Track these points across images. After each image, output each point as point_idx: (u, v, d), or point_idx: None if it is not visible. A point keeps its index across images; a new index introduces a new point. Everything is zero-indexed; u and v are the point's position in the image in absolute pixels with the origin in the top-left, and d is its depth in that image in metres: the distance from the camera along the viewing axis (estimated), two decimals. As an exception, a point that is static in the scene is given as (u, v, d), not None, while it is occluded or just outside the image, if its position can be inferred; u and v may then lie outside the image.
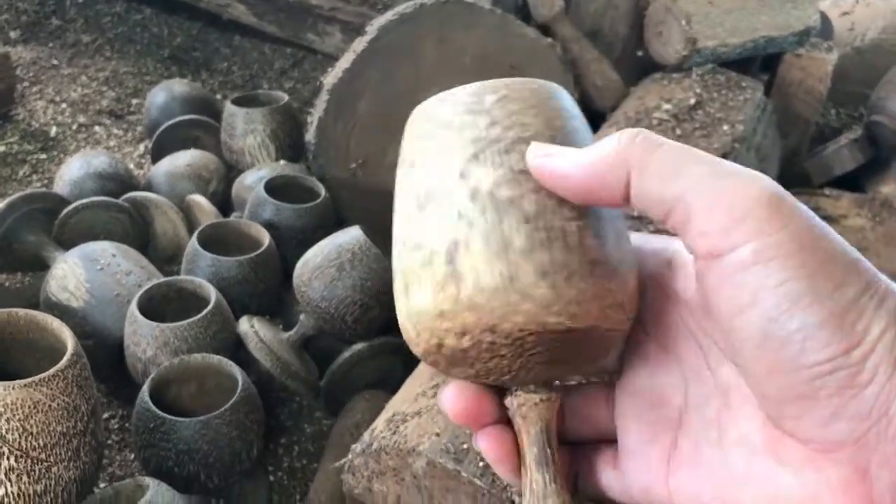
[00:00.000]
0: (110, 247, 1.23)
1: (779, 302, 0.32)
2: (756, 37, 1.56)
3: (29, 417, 0.74)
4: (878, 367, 0.31)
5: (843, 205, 1.54)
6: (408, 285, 0.39)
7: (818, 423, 0.32)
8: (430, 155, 0.39)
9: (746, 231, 0.32)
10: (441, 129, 0.39)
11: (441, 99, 0.40)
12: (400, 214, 0.40)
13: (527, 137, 0.38)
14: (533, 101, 0.39)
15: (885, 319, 0.31)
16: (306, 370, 1.17)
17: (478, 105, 0.39)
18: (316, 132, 1.44)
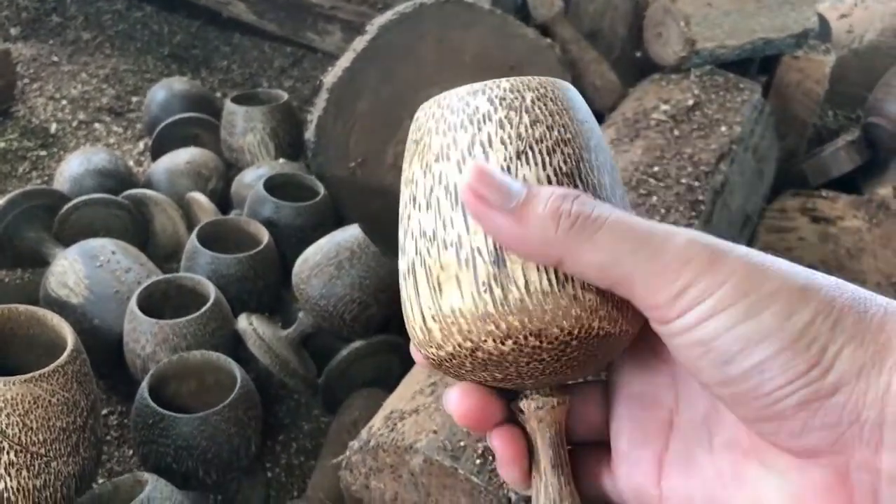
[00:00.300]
0: (110, 244, 1.24)
1: (730, 347, 0.33)
2: (754, 38, 1.57)
3: (29, 413, 0.75)
4: (840, 379, 0.32)
5: (840, 206, 1.55)
6: (440, 283, 0.38)
7: (791, 435, 0.34)
8: (465, 147, 0.38)
9: (690, 298, 0.34)
10: (478, 122, 0.38)
11: (475, 91, 0.39)
12: (421, 208, 0.39)
13: (567, 139, 0.38)
14: (567, 104, 0.39)
15: (841, 337, 0.33)
16: (304, 368, 1.18)
17: (518, 101, 0.38)
18: (315, 131, 1.45)
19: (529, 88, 0.38)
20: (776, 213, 1.55)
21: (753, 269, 0.33)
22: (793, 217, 1.54)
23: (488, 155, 0.37)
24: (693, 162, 1.29)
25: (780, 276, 0.33)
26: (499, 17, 1.51)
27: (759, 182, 1.52)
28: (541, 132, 0.37)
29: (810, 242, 1.50)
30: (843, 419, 0.33)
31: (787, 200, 1.57)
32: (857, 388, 0.32)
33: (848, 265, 1.46)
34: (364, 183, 1.47)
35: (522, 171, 0.37)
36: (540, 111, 0.38)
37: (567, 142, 0.38)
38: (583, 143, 0.38)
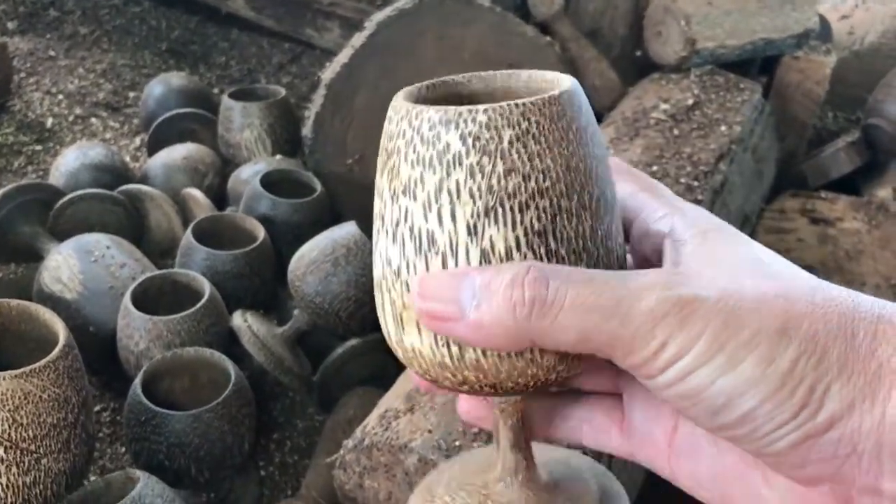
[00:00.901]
0: (105, 239, 1.23)
1: (715, 400, 0.33)
2: (755, 39, 1.57)
3: (19, 408, 0.74)
4: (832, 416, 0.32)
5: (840, 208, 1.54)
6: (403, 320, 0.38)
7: (792, 467, 0.34)
8: (432, 191, 0.35)
9: (668, 356, 0.33)
10: (448, 164, 0.35)
11: (448, 121, 0.35)
12: (388, 234, 0.38)
13: (546, 189, 0.35)
14: (555, 136, 0.35)
15: (828, 374, 0.32)
16: (299, 365, 1.17)
17: (494, 143, 0.34)
18: (313, 127, 1.44)
19: (510, 124, 0.34)
20: (775, 213, 1.54)
21: (728, 315, 0.32)
22: (792, 218, 1.54)
23: (455, 207, 0.35)
24: (692, 161, 1.28)
25: (758, 318, 0.32)
26: (498, 14, 1.50)
27: (759, 182, 1.51)
28: (515, 185, 0.35)
29: (809, 244, 1.49)
30: (839, 452, 0.32)
31: (787, 201, 1.57)
32: (851, 423, 0.32)
33: (847, 267, 1.45)
34: (361, 179, 1.46)
35: (490, 231, 0.35)
36: (517, 156, 0.34)
37: (545, 192, 0.35)
38: (564, 188, 0.35)
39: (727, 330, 0.32)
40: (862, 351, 0.32)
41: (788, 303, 0.33)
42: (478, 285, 0.34)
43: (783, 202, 1.57)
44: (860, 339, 0.32)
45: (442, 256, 0.36)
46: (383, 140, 0.39)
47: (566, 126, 0.35)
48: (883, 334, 0.32)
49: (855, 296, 0.34)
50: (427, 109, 0.36)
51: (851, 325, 0.32)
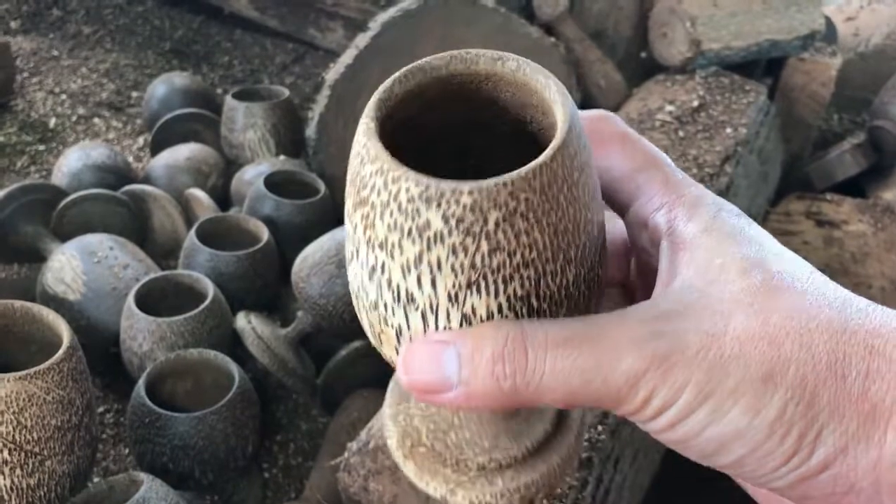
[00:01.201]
0: (108, 239, 1.23)
1: (706, 447, 0.33)
2: (760, 40, 1.56)
3: (23, 410, 0.73)
4: (825, 460, 0.31)
5: (845, 210, 1.54)
6: (381, 339, 0.38)
7: (795, 499, 0.34)
8: (411, 258, 0.33)
9: (654, 408, 0.33)
10: (428, 240, 0.33)
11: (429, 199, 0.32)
12: (364, 267, 0.36)
13: (531, 259, 0.33)
14: (545, 207, 0.32)
15: (819, 419, 0.31)
16: (303, 367, 1.16)
17: (479, 225, 0.32)
18: (317, 128, 1.44)
19: (497, 206, 0.31)
20: (781, 216, 1.54)
21: (711, 366, 0.32)
22: (797, 220, 1.53)
23: (435, 277, 0.33)
24: (698, 164, 1.28)
25: (742, 366, 0.31)
26: (502, 15, 1.49)
27: (764, 185, 1.51)
28: (500, 261, 0.33)
29: (815, 246, 1.49)
30: (836, 489, 0.32)
31: (792, 204, 1.56)
32: (846, 464, 0.31)
33: (853, 269, 1.44)
34: (365, 181, 1.45)
35: (472, 300, 0.34)
36: (503, 235, 0.32)
37: (530, 263, 0.33)
38: (551, 254, 0.34)
39: (711, 381, 0.32)
40: (854, 392, 0.31)
41: (774, 346, 0.32)
42: (461, 357, 0.34)
43: (788, 204, 1.56)
44: (851, 379, 0.31)
45: (422, 314, 0.35)
46: (353, 168, 0.36)
47: (558, 191, 0.33)
48: (876, 371, 0.31)
49: (847, 320, 0.32)
50: (405, 179, 0.32)
51: (842, 365, 0.31)
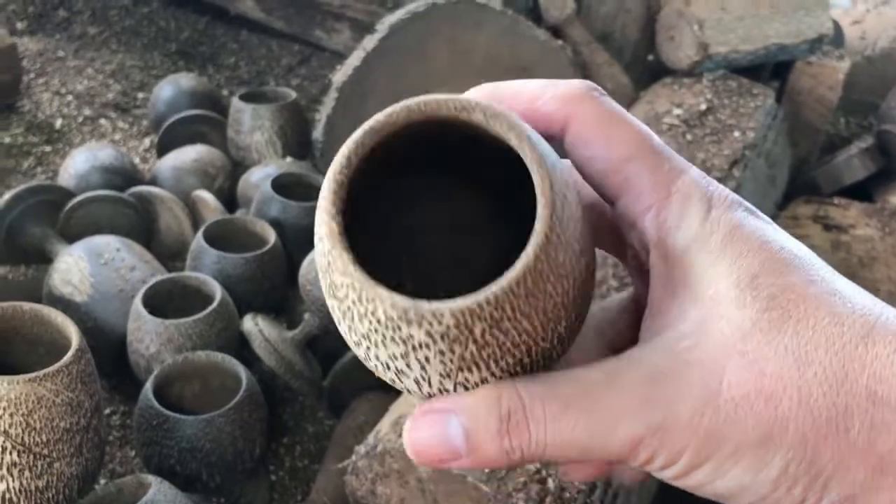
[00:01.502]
0: (115, 241, 1.23)
1: (716, 495, 0.33)
2: (768, 44, 1.56)
3: (32, 413, 0.73)
4: (837, 502, 0.31)
5: (853, 214, 1.53)
6: (393, 383, 0.37)
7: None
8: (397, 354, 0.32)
9: (657, 466, 0.33)
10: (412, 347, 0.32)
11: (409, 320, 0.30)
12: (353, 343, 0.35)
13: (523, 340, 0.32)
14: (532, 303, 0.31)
15: (823, 473, 0.30)
16: (310, 369, 1.16)
17: (465, 336, 0.31)
18: (324, 130, 1.44)
19: (481, 318, 0.30)
20: (788, 220, 1.53)
21: (707, 433, 0.31)
22: (805, 224, 1.53)
23: (425, 368, 0.33)
24: (706, 167, 1.27)
25: (739, 430, 0.31)
26: (510, 17, 1.49)
27: (772, 188, 1.50)
28: (490, 353, 0.32)
29: (822, 250, 1.48)
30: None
31: (800, 207, 1.56)
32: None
33: (860, 273, 1.44)
34: (372, 183, 1.45)
35: (464, 375, 0.33)
36: (492, 337, 0.31)
37: (521, 343, 0.32)
38: (542, 331, 0.32)
39: (708, 446, 0.31)
40: (859, 446, 0.30)
41: (771, 405, 0.30)
42: (465, 430, 0.33)
43: (796, 208, 1.56)
44: (855, 432, 0.30)
45: (415, 382, 0.34)
46: (321, 264, 0.34)
47: (545, 283, 0.31)
48: (882, 423, 0.29)
49: (847, 363, 0.30)
50: (381, 300, 0.31)
51: (844, 419, 0.30)
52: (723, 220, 0.33)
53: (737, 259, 0.32)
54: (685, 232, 0.33)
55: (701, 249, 0.33)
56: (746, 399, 0.30)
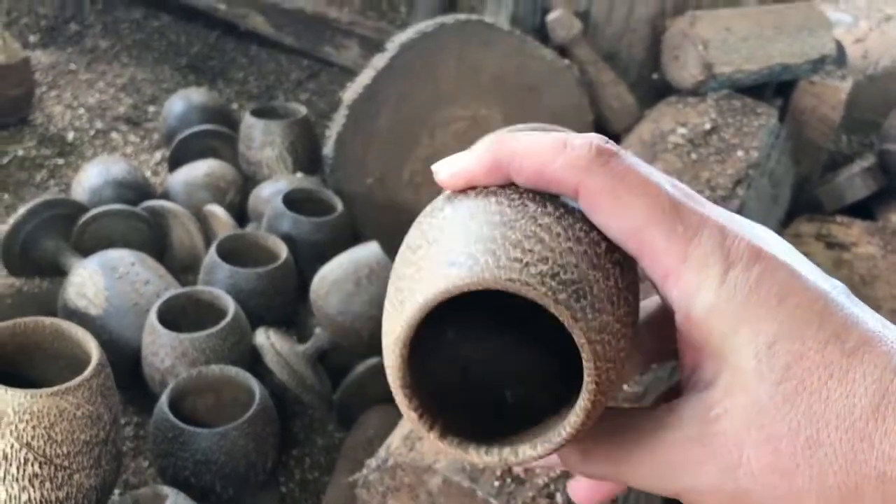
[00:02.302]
0: (129, 255, 1.24)
1: None
2: (772, 64, 1.58)
3: (54, 425, 0.75)
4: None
5: (855, 233, 1.55)
6: None
7: None
8: None
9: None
10: None
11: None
12: None
13: None
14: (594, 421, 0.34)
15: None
16: (320, 383, 1.18)
17: None
18: (334, 146, 1.46)
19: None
20: (791, 238, 1.55)
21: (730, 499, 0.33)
22: (807, 242, 1.55)
23: None
24: (710, 186, 1.29)
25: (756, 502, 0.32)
26: (518, 37, 1.52)
27: (775, 207, 1.52)
28: None
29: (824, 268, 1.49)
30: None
31: (802, 225, 1.58)
32: None
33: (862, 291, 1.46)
34: (381, 199, 1.47)
35: None
36: None
37: None
38: None
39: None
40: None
41: (786, 480, 0.32)
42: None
43: (798, 226, 1.58)
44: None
45: None
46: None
47: (601, 408, 0.34)
48: (892, 499, 0.31)
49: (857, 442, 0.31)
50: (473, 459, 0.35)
51: (854, 497, 0.31)
52: (740, 283, 0.32)
53: (755, 324, 0.32)
54: (704, 298, 0.33)
55: (721, 316, 0.33)
56: (763, 473, 0.32)
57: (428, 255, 0.34)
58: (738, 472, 0.32)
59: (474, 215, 0.34)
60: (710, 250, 0.33)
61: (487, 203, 0.35)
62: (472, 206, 0.35)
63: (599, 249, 0.34)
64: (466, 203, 0.36)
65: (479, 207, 0.35)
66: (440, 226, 0.35)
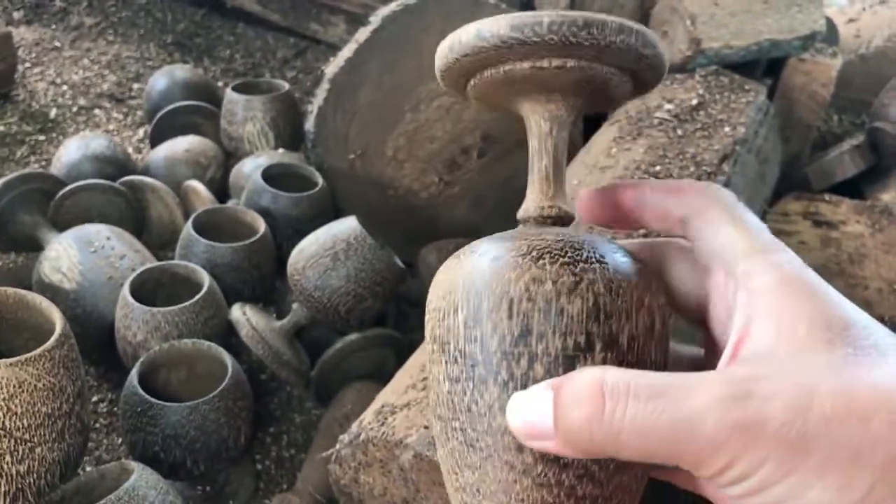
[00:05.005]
0: (105, 230, 1.23)
1: None
2: (760, 40, 1.56)
3: (13, 397, 0.73)
4: None
5: (843, 211, 1.54)
6: None
7: None
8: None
9: (733, 476, 0.32)
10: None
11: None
12: None
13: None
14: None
15: None
16: (297, 359, 1.17)
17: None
18: (316, 121, 1.44)
19: None
20: (778, 216, 1.54)
21: (795, 441, 0.30)
22: (795, 221, 1.53)
23: None
24: (696, 162, 1.27)
25: (827, 444, 0.30)
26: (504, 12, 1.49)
27: (762, 184, 1.50)
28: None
29: (812, 247, 1.49)
30: None
31: (790, 204, 1.56)
32: None
33: (850, 270, 1.44)
34: (363, 175, 1.45)
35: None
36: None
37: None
38: None
39: (794, 458, 0.30)
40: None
41: (862, 423, 0.30)
42: (553, 402, 0.34)
43: (786, 205, 1.56)
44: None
45: None
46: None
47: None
48: None
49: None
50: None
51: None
52: (810, 275, 0.35)
53: (826, 308, 0.33)
54: (776, 273, 0.35)
55: (790, 289, 0.34)
56: (837, 415, 0.30)
57: None
58: (808, 414, 0.30)
59: None
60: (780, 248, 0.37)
61: None
62: None
63: None
64: None
65: None
66: None
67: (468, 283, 0.37)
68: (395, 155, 1.46)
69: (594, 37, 0.37)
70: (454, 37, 0.39)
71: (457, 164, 1.49)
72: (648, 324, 0.37)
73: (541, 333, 0.35)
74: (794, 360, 0.32)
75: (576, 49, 0.37)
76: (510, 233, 0.40)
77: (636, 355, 0.36)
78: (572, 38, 0.36)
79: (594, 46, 0.37)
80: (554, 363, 0.35)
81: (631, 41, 0.37)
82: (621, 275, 0.36)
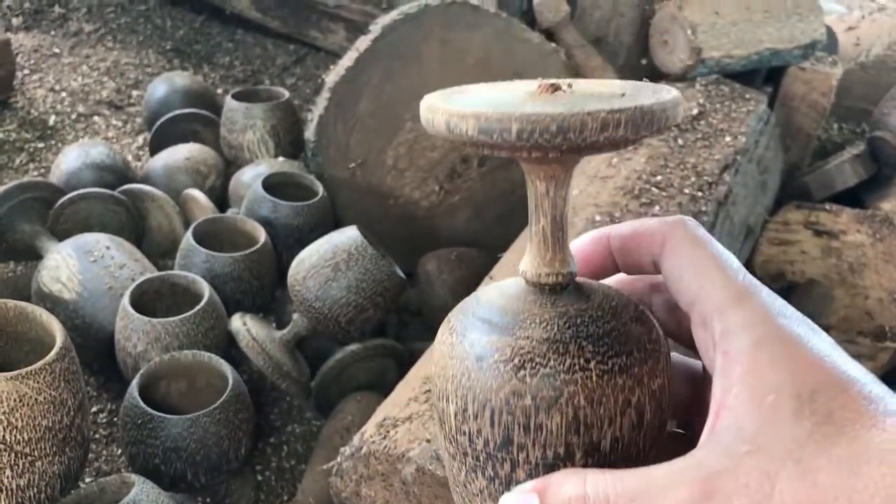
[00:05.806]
0: (105, 239, 1.22)
1: None
2: (761, 49, 1.56)
3: (14, 410, 0.73)
4: None
5: (843, 220, 1.53)
6: None
7: None
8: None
9: None
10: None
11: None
12: None
13: None
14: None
15: None
16: (298, 370, 1.16)
17: None
18: (316, 130, 1.43)
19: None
20: (779, 225, 1.54)
21: None
22: (796, 230, 1.53)
23: None
24: (696, 172, 1.27)
25: None
26: (504, 20, 1.49)
27: (763, 194, 1.50)
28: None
29: (813, 256, 1.49)
30: None
31: (790, 213, 1.56)
32: None
33: (850, 280, 1.44)
34: (363, 184, 1.45)
35: None
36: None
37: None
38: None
39: None
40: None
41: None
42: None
43: (787, 214, 1.56)
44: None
45: None
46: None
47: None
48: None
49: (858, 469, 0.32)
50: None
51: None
52: (785, 331, 0.35)
53: (798, 372, 0.34)
54: (750, 334, 0.35)
55: (763, 354, 0.34)
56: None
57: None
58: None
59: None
60: (762, 301, 0.36)
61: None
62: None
63: None
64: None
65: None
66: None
67: (457, 379, 0.37)
68: (396, 164, 1.46)
69: (571, 141, 0.33)
70: (428, 112, 0.36)
71: (457, 172, 1.48)
72: (636, 421, 0.37)
73: (521, 444, 0.36)
74: (762, 437, 0.33)
75: (553, 149, 0.34)
76: (502, 304, 0.40)
77: (619, 454, 0.37)
78: (545, 144, 0.33)
79: (574, 149, 0.34)
80: (535, 469, 0.36)
81: (619, 134, 0.33)
82: (607, 377, 0.36)
